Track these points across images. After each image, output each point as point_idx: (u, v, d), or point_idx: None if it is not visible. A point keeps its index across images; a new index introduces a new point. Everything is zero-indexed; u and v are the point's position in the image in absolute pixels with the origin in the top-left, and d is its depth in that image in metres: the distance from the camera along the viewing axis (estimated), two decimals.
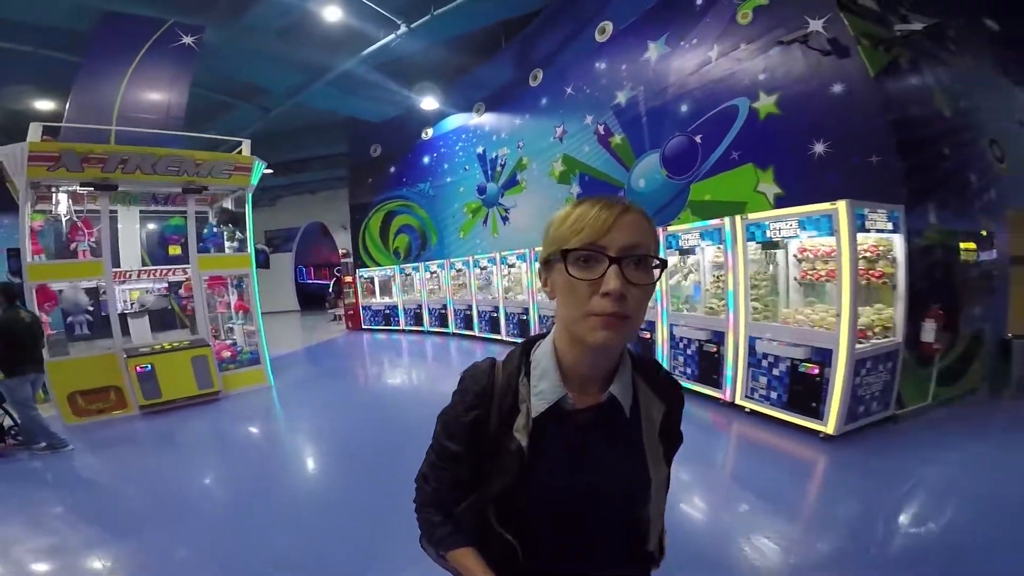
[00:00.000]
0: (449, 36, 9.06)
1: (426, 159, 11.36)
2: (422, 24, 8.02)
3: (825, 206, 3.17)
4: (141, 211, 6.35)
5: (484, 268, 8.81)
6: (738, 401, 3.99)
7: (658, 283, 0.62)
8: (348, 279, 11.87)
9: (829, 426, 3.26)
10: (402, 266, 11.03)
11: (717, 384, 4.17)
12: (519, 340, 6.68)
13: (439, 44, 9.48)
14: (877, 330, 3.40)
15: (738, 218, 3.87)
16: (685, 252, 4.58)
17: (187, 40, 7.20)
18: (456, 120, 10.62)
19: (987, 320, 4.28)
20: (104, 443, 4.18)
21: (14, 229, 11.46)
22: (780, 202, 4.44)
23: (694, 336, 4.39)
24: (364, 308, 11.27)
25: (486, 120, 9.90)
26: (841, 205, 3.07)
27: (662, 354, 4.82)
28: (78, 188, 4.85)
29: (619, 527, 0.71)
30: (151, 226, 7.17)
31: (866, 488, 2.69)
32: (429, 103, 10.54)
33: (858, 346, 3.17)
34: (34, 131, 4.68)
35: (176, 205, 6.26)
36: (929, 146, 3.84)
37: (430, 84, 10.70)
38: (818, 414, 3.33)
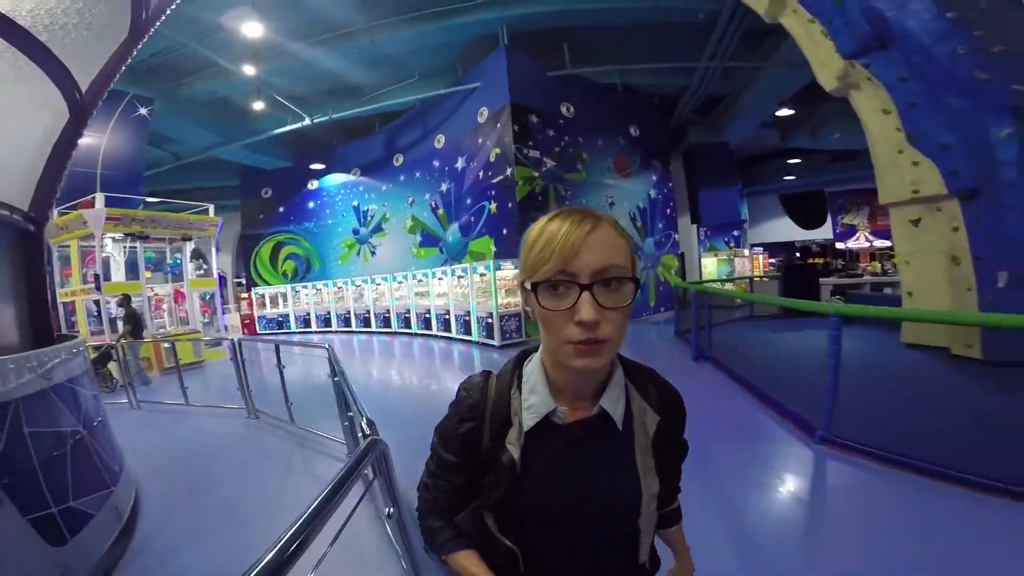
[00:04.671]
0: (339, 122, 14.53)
1: (311, 204, 16.47)
2: (322, 119, 13.38)
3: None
4: (124, 246, 10.65)
5: (358, 286, 14.28)
6: (474, 337, 10.32)
7: (632, 301, 0.65)
8: (244, 295, 16.19)
9: (496, 341, 9.63)
10: (293, 285, 15.85)
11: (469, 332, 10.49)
12: (385, 330, 13.41)
13: (331, 124, 14.87)
14: (514, 306, 9.95)
15: (481, 264, 10.19)
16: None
17: (142, 111, 11.43)
18: (338, 178, 15.95)
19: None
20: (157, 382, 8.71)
21: None
22: (496, 256, 10.96)
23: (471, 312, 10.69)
24: (259, 317, 15.73)
25: (361, 181, 15.43)
26: (480, 264, 9.56)
27: (476, 323, 11.02)
28: (118, 236, 9.36)
29: (612, 539, 0.77)
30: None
31: (502, 361, 9.07)
32: (317, 165, 15.87)
33: (501, 310, 9.65)
34: (100, 200, 9.09)
35: (148, 243, 10.69)
36: None
37: (319, 150, 16.04)
38: (493, 337, 9.68)
